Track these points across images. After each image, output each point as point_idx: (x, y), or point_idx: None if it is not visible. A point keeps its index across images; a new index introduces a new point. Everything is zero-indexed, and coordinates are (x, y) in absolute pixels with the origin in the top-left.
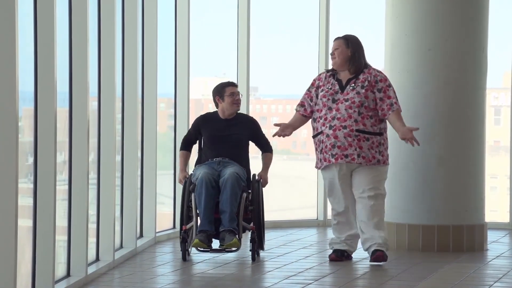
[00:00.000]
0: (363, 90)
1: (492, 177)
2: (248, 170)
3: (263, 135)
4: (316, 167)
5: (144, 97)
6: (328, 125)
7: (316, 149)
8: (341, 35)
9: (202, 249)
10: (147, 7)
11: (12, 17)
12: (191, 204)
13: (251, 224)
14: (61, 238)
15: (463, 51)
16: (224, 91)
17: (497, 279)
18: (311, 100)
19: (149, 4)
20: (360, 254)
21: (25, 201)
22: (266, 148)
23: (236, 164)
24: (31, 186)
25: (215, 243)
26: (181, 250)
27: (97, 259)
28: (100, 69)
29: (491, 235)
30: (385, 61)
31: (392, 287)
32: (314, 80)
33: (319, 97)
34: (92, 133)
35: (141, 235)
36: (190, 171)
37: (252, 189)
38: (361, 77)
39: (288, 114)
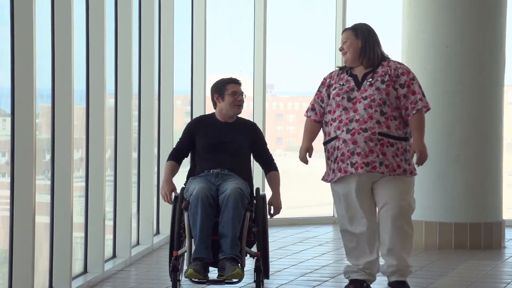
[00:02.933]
0: (384, 86)
1: (509, 174)
2: (250, 184)
3: (266, 147)
4: (325, 179)
5: (161, 94)
6: (345, 128)
7: (329, 158)
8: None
9: (197, 280)
10: (164, 4)
11: (30, 15)
12: (184, 225)
13: (253, 248)
14: (78, 235)
15: (480, 48)
16: (225, 88)
17: None
18: (322, 101)
19: (166, 1)
20: None
21: (42, 198)
22: (270, 166)
23: (237, 177)
24: (48, 183)
25: (213, 272)
26: (171, 281)
27: (114, 255)
28: (117, 66)
29: (508, 233)
30: (402, 58)
31: (409, 285)
32: (324, 79)
33: (331, 97)
34: (108, 130)
35: (158, 232)
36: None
37: (256, 206)
38: (379, 70)
39: (304, 111)
